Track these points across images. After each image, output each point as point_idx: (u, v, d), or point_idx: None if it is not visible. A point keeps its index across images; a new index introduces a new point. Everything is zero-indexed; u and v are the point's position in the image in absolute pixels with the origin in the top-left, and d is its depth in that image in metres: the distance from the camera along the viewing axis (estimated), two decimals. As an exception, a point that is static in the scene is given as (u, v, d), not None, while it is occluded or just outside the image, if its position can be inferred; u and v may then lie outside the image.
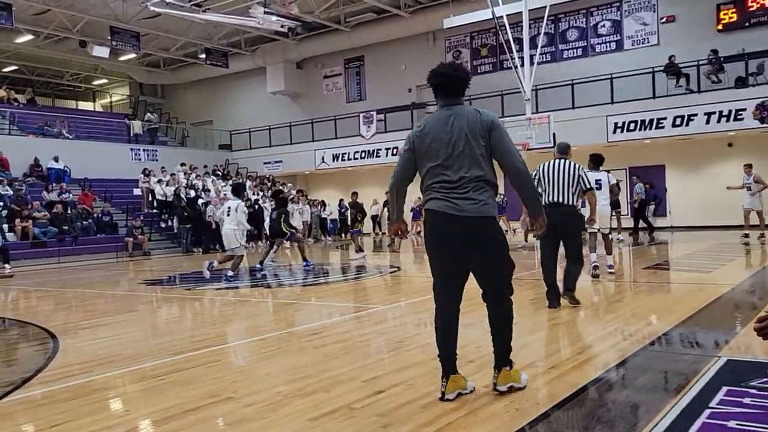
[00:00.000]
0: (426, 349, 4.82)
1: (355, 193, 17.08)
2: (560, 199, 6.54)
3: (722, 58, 18.97)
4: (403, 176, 3.73)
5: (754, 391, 3.39)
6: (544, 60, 22.36)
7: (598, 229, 9.25)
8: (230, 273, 10.64)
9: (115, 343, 5.94)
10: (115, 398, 4.04)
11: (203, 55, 27.86)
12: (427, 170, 3.57)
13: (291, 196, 23.50)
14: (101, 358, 5.10)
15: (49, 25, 24.14)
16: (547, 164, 6.78)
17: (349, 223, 20.14)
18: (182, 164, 24.12)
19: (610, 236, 10.13)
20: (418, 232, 21.64)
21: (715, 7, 20.33)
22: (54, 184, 20.02)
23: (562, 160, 6.79)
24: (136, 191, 22.45)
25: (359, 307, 7.58)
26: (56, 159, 21.47)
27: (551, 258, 6.72)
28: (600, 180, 9.17)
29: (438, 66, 3.67)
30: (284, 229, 12.54)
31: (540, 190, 6.63)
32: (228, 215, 10.79)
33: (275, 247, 13.71)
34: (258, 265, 12.47)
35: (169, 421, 3.35)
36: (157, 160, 24.73)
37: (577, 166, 6.76)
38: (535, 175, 6.67)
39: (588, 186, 6.82)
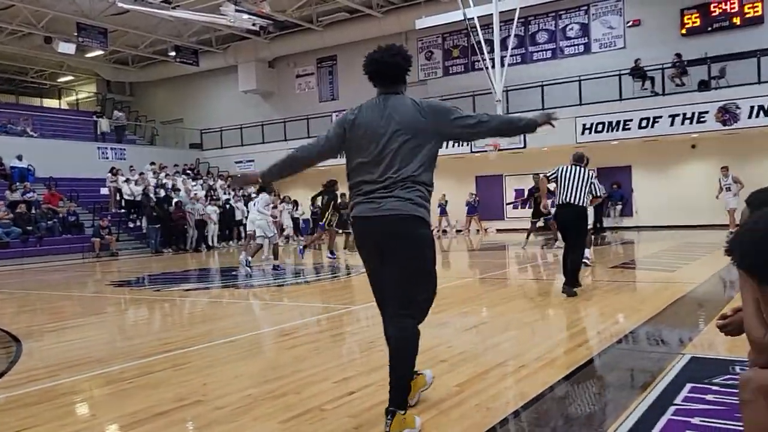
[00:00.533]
0: (397, 349, 4.84)
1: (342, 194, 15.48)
2: (572, 200, 7.32)
3: (686, 62, 19.39)
4: (314, 154, 3.31)
5: (717, 387, 3.48)
6: (515, 62, 22.57)
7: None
8: (249, 258, 11.51)
9: (82, 346, 5.83)
10: (81, 402, 3.97)
11: (173, 53, 27.49)
12: (355, 166, 3.15)
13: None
14: (67, 362, 5.01)
15: (13, 20, 23.57)
16: (566, 168, 7.54)
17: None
18: (152, 163, 23.77)
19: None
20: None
21: (679, 12, 20.75)
22: (18, 184, 19.56)
23: (578, 167, 7.62)
24: (104, 191, 22.05)
25: (331, 308, 7.56)
26: (20, 158, 20.97)
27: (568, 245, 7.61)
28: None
29: (374, 51, 3.29)
30: (329, 216, 13.90)
31: (553, 188, 7.85)
32: (255, 206, 11.93)
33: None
34: (330, 255, 13.82)
35: (137, 425, 3.31)
36: (125, 159, 24.34)
37: (591, 174, 7.66)
38: (554, 174, 7.58)
39: (598, 194, 7.70)
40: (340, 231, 15.45)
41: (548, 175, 7.72)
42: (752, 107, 17.25)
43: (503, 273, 10.88)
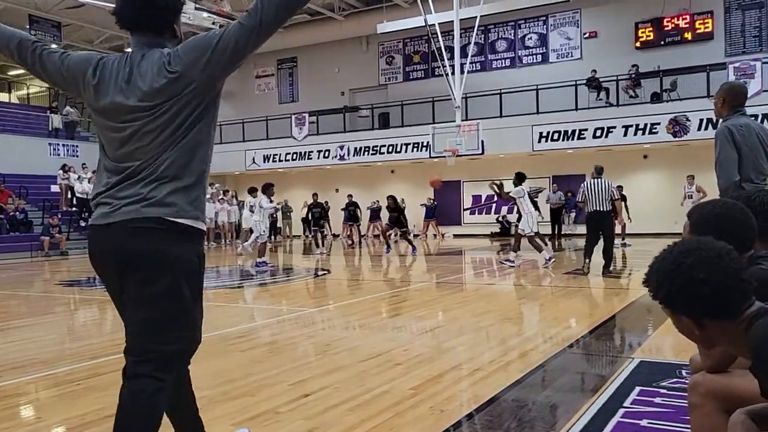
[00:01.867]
0: (353, 352, 4.84)
1: (316, 194, 19.51)
2: (600, 208, 9.52)
3: (637, 74, 19.96)
4: (13, 44, 2.38)
5: (664, 390, 3.58)
6: (474, 69, 22.85)
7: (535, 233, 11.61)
8: (259, 258, 12.54)
9: (28, 346, 5.65)
10: (26, 404, 3.85)
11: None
12: (101, 146, 2.27)
13: (220, 197, 23.08)
14: (12, 363, 4.85)
15: (-38, 10, 22.75)
16: (590, 182, 9.70)
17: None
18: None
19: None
20: (376, 236, 21.67)
21: (634, 26, 21.37)
22: (-37, 179, 18.88)
23: (599, 179, 9.67)
24: (54, 188, 21.44)
25: (287, 310, 7.51)
26: (-33, 152, 20.25)
27: (593, 245, 9.93)
28: (528, 192, 11.90)
29: None
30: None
31: (581, 198, 9.87)
32: (251, 210, 12.69)
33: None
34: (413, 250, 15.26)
35: (86, 427, 3.23)
36: (77, 156, 23.71)
37: (610, 183, 9.68)
38: (582, 190, 9.79)
39: (616, 197, 9.75)
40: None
41: (578, 200, 10.31)
42: (701, 120, 17.84)
43: (459, 278, 10.98)
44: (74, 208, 20.68)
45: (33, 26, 22.63)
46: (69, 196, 21.08)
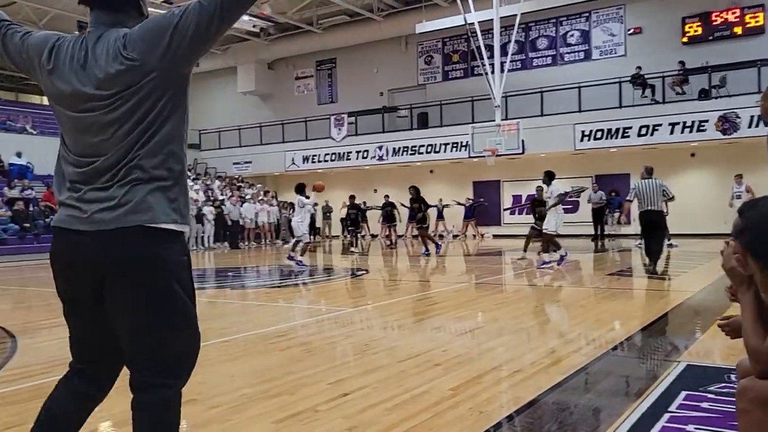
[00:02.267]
0: (392, 352, 4.83)
1: (353, 196, 20.16)
2: (653, 207, 9.73)
3: (684, 70, 19.45)
4: None
5: (712, 395, 3.47)
6: (515, 67, 22.62)
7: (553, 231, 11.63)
8: (298, 257, 12.83)
9: (76, 343, 5.80)
10: (74, 400, 3.95)
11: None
12: (61, 136, 2.09)
13: (260, 197, 23.37)
14: (62, 359, 4.97)
15: (14, 17, 23.37)
16: (642, 183, 9.90)
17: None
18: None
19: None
20: (415, 236, 21.61)
21: (681, 21, 20.84)
22: (16, 181, 19.53)
23: (650, 180, 9.90)
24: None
25: (326, 310, 7.55)
26: (19, 155, 20.95)
27: (652, 242, 10.07)
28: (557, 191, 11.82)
29: None
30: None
31: (633, 197, 9.98)
32: (294, 210, 12.88)
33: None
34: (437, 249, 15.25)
35: (131, 422, 3.29)
36: (123, 158, 24.30)
37: (661, 182, 9.92)
38: (634, 191, 9.95)
39: (669, 195, 10.07)
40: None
41: (629, 198, 10.34)
42: (752, 117, 17.30)
43: (498, 278, 10.88)
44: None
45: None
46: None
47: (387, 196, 22.40)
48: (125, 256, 1.88)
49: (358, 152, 24.52)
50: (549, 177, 11.74)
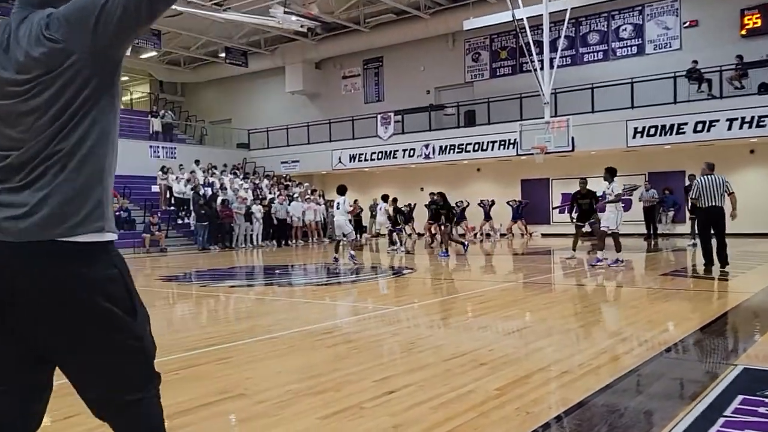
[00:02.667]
0: (438, 350, 4.81)
1: (395, 199, 20.06)
2: (714, 203, 9.71)
3: (745, 64, 18.75)
4: None
5: (770, 400, 3.34)
6: (564, 63, 22.23)
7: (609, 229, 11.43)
8: (352, 252, 13.47)
9: (130, 337, 5.98)
10: (128, 392, 4.07)
11: (223, 54, 28.07)
12: None
13: (306, 196, 23.61)
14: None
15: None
16: (703, 179, 9.83)
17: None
18: (196, 161, 24.13)
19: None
20: (461, 235, 21.52)
21: (739, 13, 20.08)
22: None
23: (711, 176, 9.81)
24: (154, 188, 22.66)
25: (372, 308, 7.58)
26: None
27: (709, 240, 10.07)
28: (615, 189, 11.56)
29: None
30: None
31: (695, 195, 9.88)
32: (338, 209, 13.14)
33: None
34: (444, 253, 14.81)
35: (182, 415, 3.38)
36: (175, 158, 24.94)
37: (723, 178, 9.83)
38: (695, 187, 9.88)
39: (730, 191, 9.83)
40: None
41: (692, 196, 10.10)
42: (815, 111, 16.57)
43: (547, 278, 10.71)
44: (172, 207, 21.77)
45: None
46: (167, 195, 22.20)
47: (433, 194, 22.35)
48: (35, 279, 1.60)
49: (404, 151, 24.51)
50: (611, 174, 11.54)
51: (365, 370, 4.27)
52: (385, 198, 19.36)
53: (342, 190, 13.40)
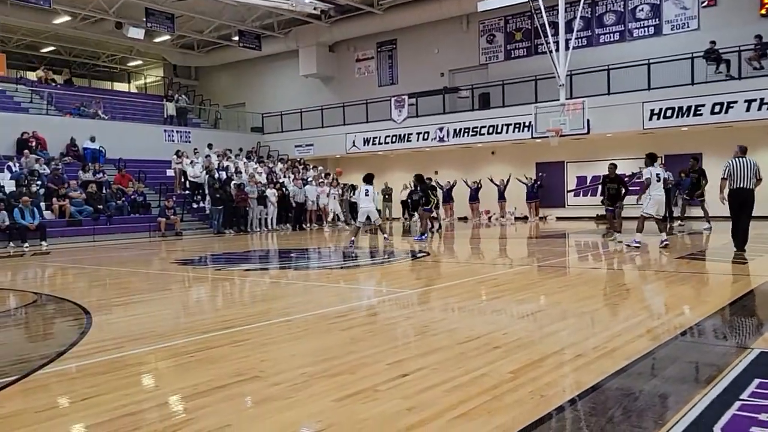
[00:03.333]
0: (452, 334, 4.82)
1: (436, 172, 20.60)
2: (744, 185, 9.71)
3: (765, 44, 18.40)
4: None
5: (787, 384, 3.32)
6: (580, 44, 21.96)
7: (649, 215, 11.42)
8: (386, 235, 14.31)
9: (147, 320, 6.06)
10: (145, 373, 4.13)
11: (236, 38, 28.02)
12: None
13: (321, 180, 23.62)
14: (133, 335, 5.21)
15: (86, 6, 24.50)
16: (736, 161, 9.85)
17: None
18: (209, 145, 24.09)
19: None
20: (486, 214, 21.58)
21: (759, -9, 19.70)
22: (90, 164, 20.41)
23: (744, 158, 9.86)
24: (169, 172, 22.77)
25: (386, 291, 7.60)
26: (92, 139, 21.88)
27: (739, 221, 9.95)
28: (659, 174, 11.51)
29: None
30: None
31: (727, 175, 9.79)
32: (367, 195, 13.50)
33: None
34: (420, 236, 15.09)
35: (198, 397, 3.41)
36: (189, 142, 25.03)
37: (754, 161, 9.91)
38: (726, 168, 9.85)
39: (760, 176, 9.87)
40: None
41: (723, 176, 9.93)
42: (836, 92, 16.26)
43: (562, 261, 10.67)
44: (187, 191, 21.88)
45: (149, 18, 24.08)
46: (182, 179, 22.31)
47: (450, 182, 22.37)
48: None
49: (418, 134, 24.41)
50: (651, 159, 11.58)
51: (379, 353, 4.29)
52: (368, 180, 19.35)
53: (369, 179, 13.60)
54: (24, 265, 12.19)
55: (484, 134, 22.96)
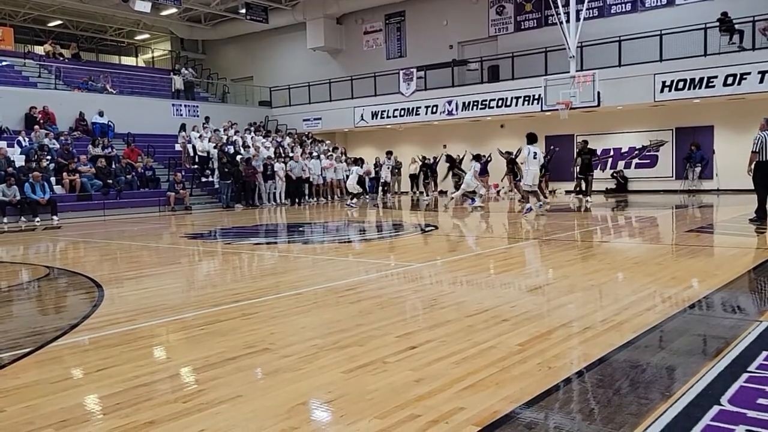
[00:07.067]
0: (460, 307, 4.85)
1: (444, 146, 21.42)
2: None
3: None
4: None
5: (795, 357, 3.32)
6: (591, 15, 21.64)
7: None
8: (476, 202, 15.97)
9: (158, 293, 6.12)
10: (157, 346, 4.19)
11: (243, 10, 27.78)
12: None
13: (329, 154, 23.56)
14: (144, 308, 5.27)
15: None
16: (764, 134, 9.90)
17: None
18: (206, 118, 23.93)
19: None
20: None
21: (776, -41, 19.27)
22: (99, 139, 20.45)
23: None
24: (177, 146, 22.79)
25: (395, 265, 7.63)
26: (101, 114, 21.89)
27: (765, 193, 10.10)
28: (536, 152, 14.06)
29: None
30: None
31: (758, 148, 9.89)
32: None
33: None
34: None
35: (209, 368, 3.46)
36: (198, 116, 25.00)
37: None
38: (758, 141, 9.90)
39: None
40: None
41: (754, 150, 10.00)
42: None
43: (570, 235, 10.66)
44: (195, 165, 21.91)
45: None
46: (191, 153, 22.33)
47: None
48: None
49: (427, 107, 24.26)
50: (530, 139, 13.90)
51: (388, 326, 4.32)
52: (358, 162, 20.38)
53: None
54: (36, 240, 12.31)
55: (493, 107, 22.79)
